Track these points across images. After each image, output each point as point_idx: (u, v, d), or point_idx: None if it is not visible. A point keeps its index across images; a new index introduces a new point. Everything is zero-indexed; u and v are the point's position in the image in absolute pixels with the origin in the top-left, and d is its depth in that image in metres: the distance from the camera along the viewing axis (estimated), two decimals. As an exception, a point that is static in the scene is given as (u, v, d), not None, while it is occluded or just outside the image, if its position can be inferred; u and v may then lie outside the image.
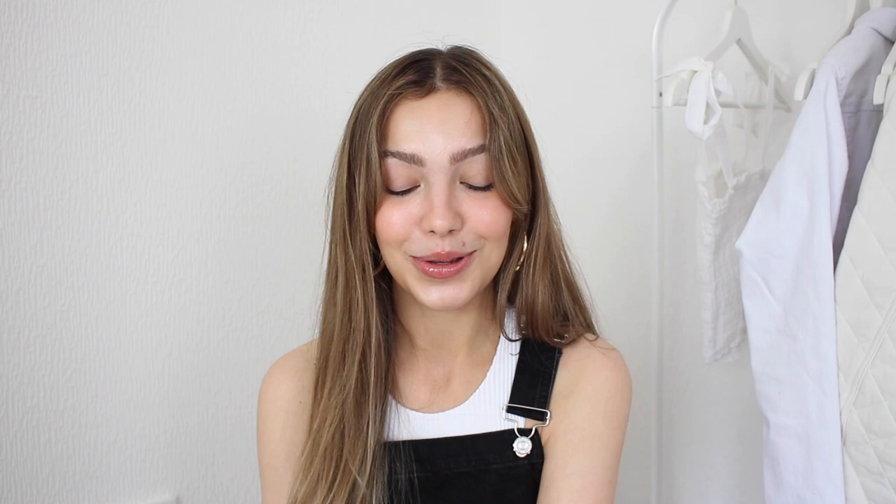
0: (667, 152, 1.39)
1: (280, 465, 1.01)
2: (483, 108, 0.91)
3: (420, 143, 0.89)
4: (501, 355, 1.01)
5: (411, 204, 0.91)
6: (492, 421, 0.98)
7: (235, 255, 1.45)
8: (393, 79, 0.92)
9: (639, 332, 1.56)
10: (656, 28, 1.32)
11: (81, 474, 1.31)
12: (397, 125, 0.91)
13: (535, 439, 0.97)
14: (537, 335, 1.00)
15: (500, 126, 0.90)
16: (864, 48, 1.09)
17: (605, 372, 0.98)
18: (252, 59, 1.45)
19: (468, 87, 0.92)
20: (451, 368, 1.01)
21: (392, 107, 0.91)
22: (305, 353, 1.05)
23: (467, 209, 0.91)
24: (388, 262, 0.94)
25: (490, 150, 0.90)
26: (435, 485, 0.97)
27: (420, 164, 0.89)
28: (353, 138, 0.93)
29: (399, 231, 0.91)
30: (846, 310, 1.04)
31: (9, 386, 1.24)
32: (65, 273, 1.28)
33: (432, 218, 0.88)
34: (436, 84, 0.92)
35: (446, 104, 0.91)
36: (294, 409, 1.01)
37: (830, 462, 1.05)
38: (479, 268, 0.93)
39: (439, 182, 0.89)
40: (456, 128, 0.90)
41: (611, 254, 1.65)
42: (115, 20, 1.30)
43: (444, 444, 0.97)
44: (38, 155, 1.24)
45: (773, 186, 1.10)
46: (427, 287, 0.92)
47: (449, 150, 0.89)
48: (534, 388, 0.99)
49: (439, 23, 1.68)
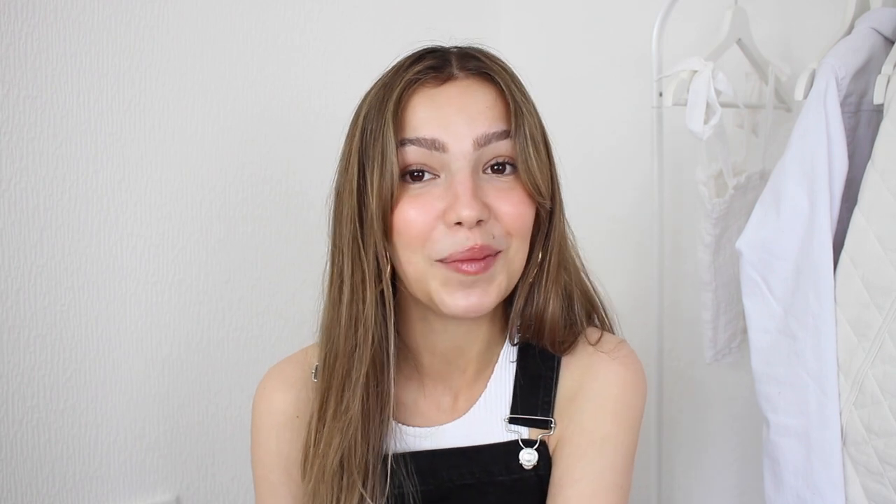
0: (667, 152, 1.39)
1: (275, 479, 0.97)
2: (507, 94, 0.86)
3: (441, 128, 0.83)
4: (502, 363, 0.96)
5: (431, 196, 0.84)
6: (494, 432, 0.93)
7: (235, 255, 1.45)
8: (408, 67, 0.86)
9: (639, 333, 1.56)
10: (656, 28, 1.32)
11: (81, 474, 1.31)
12: (415, 112, 0.84)
13: (541, 449, 0.92)
14: (542, 344, 0.94)
15: (524, 113, 0.85)
16: (864, 48, 1.09)
17: (613, 367, 0.93)
18: (252, 59, 1.45)
19: (490, 74, 0.87)
20: (459, 386, 0.96)
21: (408, 95, 0.85)
22: (301, 362, 1.00)
23: (492, 201, 0.84)
24: (406, 269, 0.86)
25: (515, 137, 0.85)
26: (437, 497, 0.92)
27: (442, 149, 0.83)
28: (364, 133, 0.86)
29: (420, 227, 0.83)
30: (846, 310, 1.04)
31: (9, 386, 1.24)
32: (65, 273, 1.28)
33: (458, 208, 0.81)
34: (454, 72, 0.86)
35: (467, 90, 0.86)
36: (289, 422, 0.97)
37: (830, 462, 1.05)
38: (505, 270, 0.86)
39: (463, 170, 0.83)
40: (479, 112, 0.84)
41: (611, 254, 1.65)
42: (115, 20, 1.30)
43: (446, 456, 0.93)
44: (38, 155, 1.24)
45: (773, 186, 1.10)
46: (454, 293, 0.84)
47: (472, 135, 0.83)
48: (535, 395, 0.93)
49: (439, 23, 1.67)
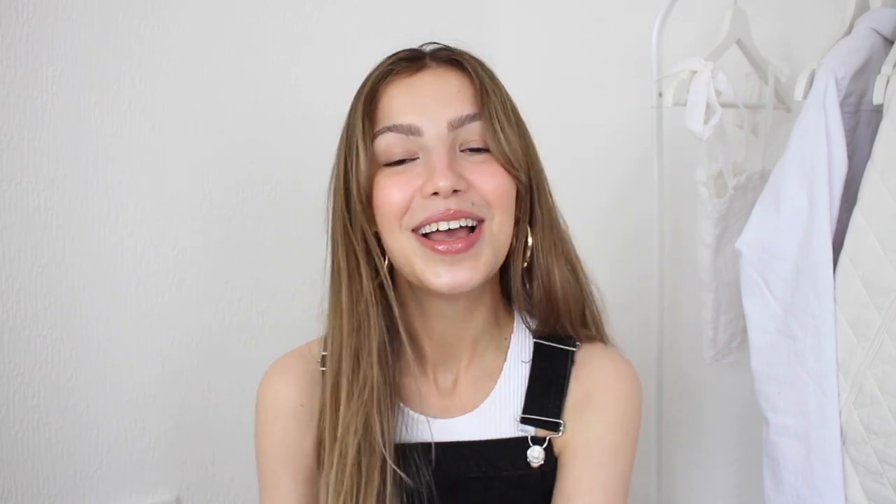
0: (667, 152, 1.39)
1: (279, 470, 0.99)
2: (475, 78, 0.93)
3: (417, 114, 0.90)
4: (512, 361, 1.00)
5: (410, 174, 0.90)
6: (504, 428, 0.97)
7: (235, 255, 1.45)
8: (382, 62, 0.95)
9: (639, 332, 1.56)
10: (656, 28, 1.32)
11: (81, 474, 1.31)
12: (391, 100, 0.92)
13: (547, 449, 0.96)
14: (560, 326, 0.98)
15: (491, 95, 0.92)
16: (864, 48, 1.09)
17: (620, 384, 0.98)
18: (252, 59, 1.45)
19: (460, 61, 0.94)
20: (457, 371, 1.00)
21: (384, 85, 0.93)
22: (305, 355, 1.03)
23: (468, 174, 0.90)
24: (392, 249, 0.92)
25: (483, 116, 0.91)
26: (444, 488, 0.95)
27: (418, 133, 0.90)
28: (348, 127, 0.94)
29: (398, 201, 0.89)
30: (846, 310, 1.04)
31: (9, 386, 1.24)
32: (65, 273, 1.28)
33: (436, 178, 0.87)
34: (426, 62, 0.94)
35: (439, 76, 0.93)
36: (294, 413, 1.00)
37: (830, 462, 1.05)
38: (490, 245, 0.91)
39: (439, 147, 0.89)
40: (450, 95, 0.91)
41: (611, 254, 1.65)
42: (115, 20, 1.30)
43: (456, 448, 0.96)
44: (38, 155, 1.25)
45: (773, 186, 1.10)
46: (437, 269, 0.88)
47: (446, 118, 0.90)
48: (547, 397, 0.97)
49: (439, 23, 1.68)
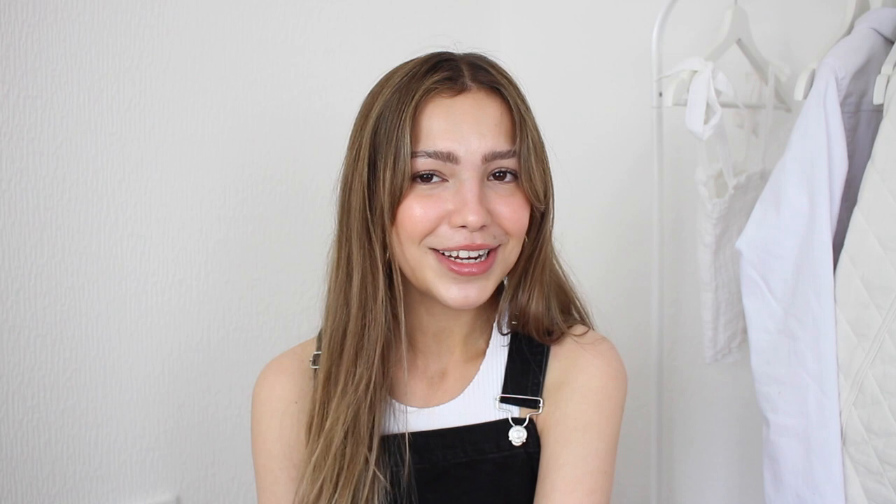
0: (667, 152, 1.39)
1: (276, 467, 1.01)
2: (514, 109, 0.93)
3: (455, 142, 0.90)
4: (493, 348, 1.02)
5: (440, 199, 0.91)
6: (486, 411, 0.99)
7: (235, 255, 1.45)
8: (424, 75, 0.92)
9: (639, 332, 1.56)
10: (656, 28, 1.32)
11: (81, 474, 1.31)
12: (430, 122, 0.91)
13: (529, 428, 0.98)
14: (527, 332, 1.01)
15: (527, 128, 0.93)
16: (864, 48, 1.09)
17: (596, 361, 1.00)
18: (252, 59, 1.45)
19: (499, 88, 0.94)
20: (446, 364, 1.03)
21: (423, 103, 0.92)
22: (300, 355, 1.05)
23: (494, 206, 0.92)
24: (402, 257, 0.94)
25: (520, 152, 0.93)
26: (432, 476, 0.98)
27: (454, 161, 0.90)
28: (378, 131, 0.92)
29: (425, 225, 0.91)
30: (846, 310, 1.04)
31: (9, 386, 1.24)
32: (65, 273, 1.28)
33: (466, 213, 0.89)
34: (467, 83, 0.93)
35: (479, 103, 0.93)
36: (290, 411, 1.01)
37: (830, 462, 1.05)
38: (500, 266, 0.95)
39: (471, 179, 0.91)
40: (489, 129, 0.92)
41: (611, 254, 1.65)
42: (115, 20, 1.30)
43: (440, 436, 0.98)
44: (38, 155, 1.24)
45: (773, 186, 1.11)
46: (448, 284, 0.92)
47: (482, 150, 0.91)
48: (525, 376, 1.00)
49: (439, 23, 1.68)
